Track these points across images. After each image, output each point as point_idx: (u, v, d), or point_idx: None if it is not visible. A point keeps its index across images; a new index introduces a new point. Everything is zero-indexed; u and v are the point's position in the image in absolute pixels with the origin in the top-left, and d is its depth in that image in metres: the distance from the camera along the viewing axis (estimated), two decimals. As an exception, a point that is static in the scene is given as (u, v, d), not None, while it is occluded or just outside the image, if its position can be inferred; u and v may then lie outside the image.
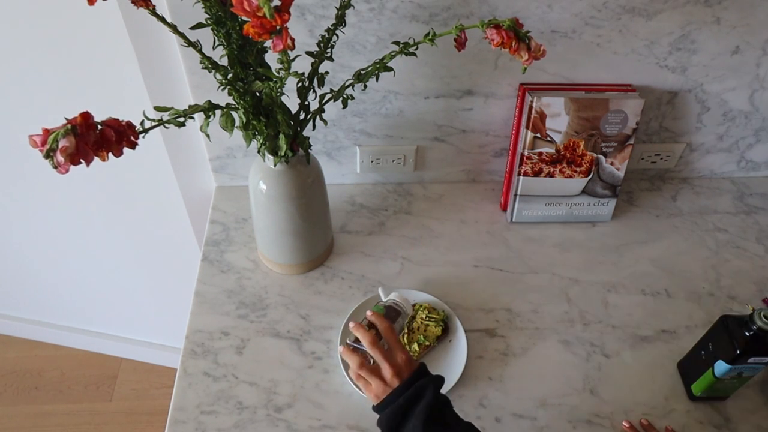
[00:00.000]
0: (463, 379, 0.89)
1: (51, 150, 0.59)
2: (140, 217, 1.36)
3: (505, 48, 0.69)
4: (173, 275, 1.50)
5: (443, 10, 0.91)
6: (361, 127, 1.07)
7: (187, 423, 0.85)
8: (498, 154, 1.14)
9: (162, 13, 0.72)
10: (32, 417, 1.80)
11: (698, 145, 1.15)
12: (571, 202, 1.10)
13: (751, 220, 1.15)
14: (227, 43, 0.74)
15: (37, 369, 1.90)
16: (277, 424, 0.85)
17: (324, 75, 0.82)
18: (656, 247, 1.09)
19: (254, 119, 0.80)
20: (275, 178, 0.89)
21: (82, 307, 1.75)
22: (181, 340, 0.94)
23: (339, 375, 0.90)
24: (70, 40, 1.00)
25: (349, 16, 0.89)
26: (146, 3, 0.70)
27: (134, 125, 0.67)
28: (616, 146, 1.03)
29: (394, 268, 1.04)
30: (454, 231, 1.11)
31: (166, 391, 1.83)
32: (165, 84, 1.00)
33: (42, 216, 1.41)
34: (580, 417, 0.87)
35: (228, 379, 0.90)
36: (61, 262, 1.56)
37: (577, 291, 1.02)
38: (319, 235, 1.01)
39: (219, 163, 1.12)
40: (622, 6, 0.92)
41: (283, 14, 0.55)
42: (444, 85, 1.01)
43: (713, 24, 0.95)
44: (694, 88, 1.05)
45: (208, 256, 1.05)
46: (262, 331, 0.95)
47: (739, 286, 1.03)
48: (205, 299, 0.99)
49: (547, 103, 0.98)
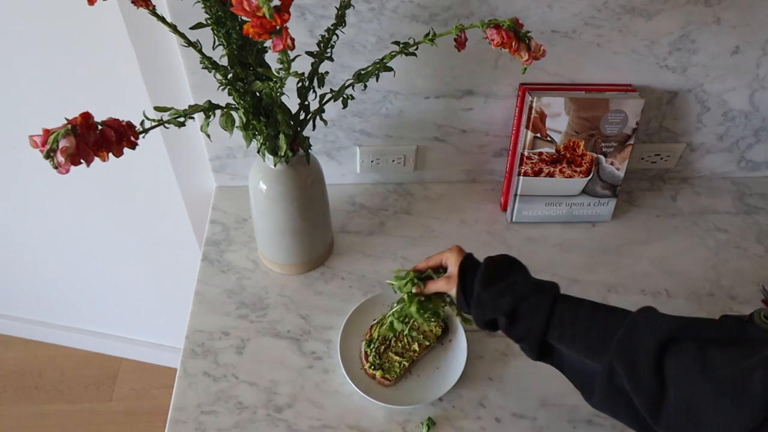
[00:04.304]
0: (463, 379, 0.89)
1: (51, 150, 0.59)
2: (140, 217, 1.36)
3: (505, 48, 0.69)
4: (173, 275, 1.50)
5: (443, 10, 0.91)
6: (361, 127, 1.07)
7: (187, 423, 0.85)
8: (498, 154, 1.14)
9: (162, 13, 0.72)
10: (32, 417, 1.80)
11: (698, 145, 1.15)
12: (571, 202, 1.10)
13: (751, 220, 1.15)
14: (227, 43, 0.74)
15: (37, 369, 1.90)
16: (277, 424, 0.85)
17: (324, 75, 0.82)
18: (656, 247, 1.09)
19: (254, 119, 0.80)
20: (275, 178, 0.89)
21: (82, 307, 1.75)
22: (181, 340, 0.94)
23: (339, 375, 0.90)
24: (70, 40, 1.00)
25: (349, 16, 0.89)
26: (146, 3, 0.70)
27: (134, 125, 0.67)
28: (616, 146, 1.03)
29: (394, 268, 1.04)
30: (454, 231, 1.11)
31: (166, 391, 1.83)
32: (165, 84, 1.00)
33: (42, 216, 1.41)
34: (580, 417, 0.87)
35: (228, 379, 0.90)
36: (61, 262, 1.56)
37: (577, 291, 1.01)
38: (319, 235, 1.01)
39: (219, 163, 1.12)
40: (622, 6, 0.92)
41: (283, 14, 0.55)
42: (444, 85, 1.01)
43: (713, 24, 0.95)
44: (694, 88, 1.05)
45: (208, 256, 1.05)
46: (262, 331, 0.95)
47: (739, 286, 1.03)
48: (205, 299, 0.99)
49: (547, 103, 0.98)
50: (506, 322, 0.72)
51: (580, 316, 0.70)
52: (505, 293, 0.73)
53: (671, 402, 0.61)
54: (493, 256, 0.78)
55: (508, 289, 0.73)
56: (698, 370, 0.60)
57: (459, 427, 0.86)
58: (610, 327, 0.68)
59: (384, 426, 0.86)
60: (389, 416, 0.86)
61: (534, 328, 0.71)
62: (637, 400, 0.64)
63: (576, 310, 0.71)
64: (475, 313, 0.75)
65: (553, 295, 0.72)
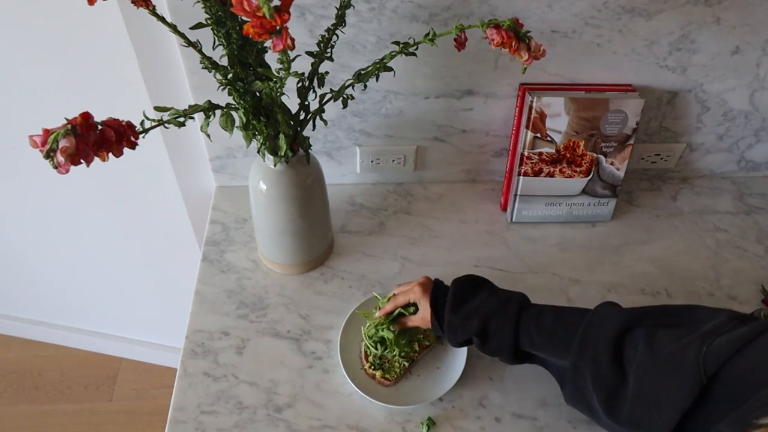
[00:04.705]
0: (463, 379, 0.89)
1: (51, 150, 0.59)
2: (140, 217, 1.36)
3: (505, 48, 0.69)
4: (173, 275, 1.50)
5: (443, 10, 0.91)
6: (361, 127, 1.07)
7: (187, 423, 0.85)
8: (498, 154, 1.14)
9: (162, 13, 0.72)
10: (32, 417, 1.80)
11: (698, 145, 1.15)
12: (571, 202, 1.10)
13: (751, 220, 1.15)
14: (227, 43, 0.74)
15: (37, 369, 1.90)
16: (277, 424, 0.85)
17: (324, 75, 0.82)
18: (656, 247, 1.09)
19: (254, 119, 0.80)
20: (275, 178, 0.89)
21: (82, 307, 1.75)
22: (181, 340, 0.94)
23: (339, 375, 0.90)
24: (70, 40, 1.00)
25: (349, 16, 0.89)
26: (146, 3, 0.70)
27: (134, 125, 0.67)
28: (616, 146, 1.03)
29: (394, 268, 1.04)
30: (454, 231, 1.11)
31: (166, 391, 1.83)
32: (165, 84, 1.00)
33: (42, 216, 1.41)
34: (580, 417, 0.87)
35: (228, 379, 0.90)
36: (61, 262, 1.56)
37: (577, 291, 1.02)
38: (319, 235, 1.01)
39: (219, 163, 1.12)
40: (622, 6, 0.92)
41: (283, 14, 0.55)
42: (444, 85, 1.01)
43: (713, 24, 0.95)
44: (694, 88, 1.05)
45: (208, 256, 1.05)
46: (262, 331, 0.95)
47: (739, 286, 1.03)
48: (205, 299, 0.99)
49: (547, 103, 0.98)
50: (479, 341, 0.77)
51: (544, 322, 0.74)
52: (473, 315, 0.77)
53: (630, 391, 0.64)
54: (460, 278, 0.82)
55: (475, 311, 0.77)
56: (648, 351, 0.63)
57: (459, 427, 0.86)
58: (571, 328, 0.71)
59: (384, 426, 0.86)
60: (389, 416, 0.86)
61: (504, 342, 0.76)
62: (600, 395, 0.67)
63: (539, 316, 0.75)
64: (449, 337, 0.80)
65: (518, 307, 0.76)
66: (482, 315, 0.76)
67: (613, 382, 0.66)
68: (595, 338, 0.69)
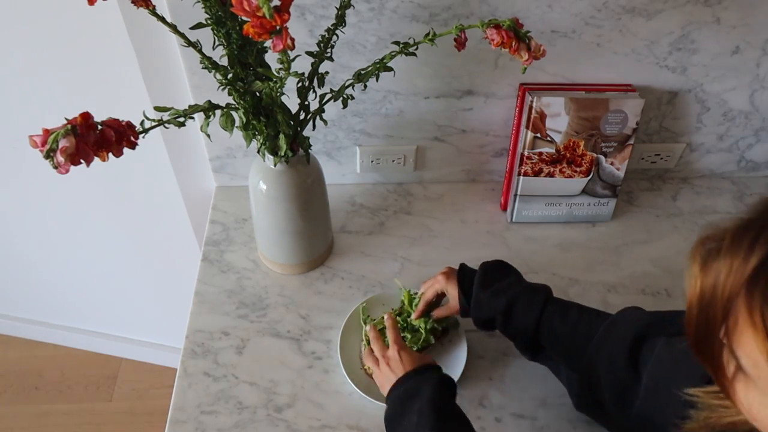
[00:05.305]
0: (463, 379, 0.89)
1: (51, 150, 0.59)
2: (140, 217, 1.36)
3: (505, 48, 0.69)
4: (173, 275, 1.50)
5: (443, 10, 0.91)
6: (361, 127, 1.07)
7: (187, 423, 0.85)
8: (498, 154, 1.14)
9: (162, 13, 0.72)
10: (32, 417, 1.80)
11: (698, 145, 1.15)
12: (571, 202, 1.10)
13: (751, 220, 1.14)
14: (227, 43, 0.74)
15: (37, 369, 1.90)
16: (277, 424, 0.85)
17: (324, 75, 0.82)
18: (656, 247, 1.09)
19: (254, 119, 0.80)
20: (275, 178, 0.89)
21: (82, 307, 1.75)
22: (181, 340, 0.94)
23: (339, 375, 0.90)
24: (70, 39, 1.00)
25: (349, 16, 0.89)
26: (146, 3, 0.70)
27: (134, 125, 0.67)
28: (616, 146, 1.03)
29: (394, 268, 1.04)
30: (454, 231, 1.11)
31: (166, 391, 1.83)
32: (165, 84, 1.00)
33: (42, 216, 1.41)
34: (580, 417, 0.86)
35: (228, 379, 0.90)
36: (61, 262, 1.56)
37: (577, 291, 1.02)
38: (319, 235, 1.01)
39: (219, 163, 1.12)
40: (622, 6, 0.92)
41: (283, 14, 0.55)
42: (444, 85, 1.01)
43: (713, 24, 0.95)
44: (694, 88, 1.05)
45: (208, 256, 1.05)
46: (262, 331, 0.95)
47: (739, 286, 1.03)
48: (205, 299, 0.99)
49: (547, 103, 0.98)
50: (502, 320, 0.78)
51: (568, 316, 0.76)
52: (500, 294, 0.79)
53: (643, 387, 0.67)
54: (488, 261, 0.85)
55: (503, 290, 0.79)
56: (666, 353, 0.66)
57: (459, 427, 0.86)
58: (593, 328, 0.74)
59: (384, 426, 0.85)
60: (389, 416, 0.86)
61: (527, 327, 0.78)
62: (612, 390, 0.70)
63: (565, 309, 0.77)
64: (474, 313, 0.81)
65: (545, 296, 0.78)
66: (509, 296, 0.78)
67: (626, 379, 0.69)
68: (615, 339, 0.71)
